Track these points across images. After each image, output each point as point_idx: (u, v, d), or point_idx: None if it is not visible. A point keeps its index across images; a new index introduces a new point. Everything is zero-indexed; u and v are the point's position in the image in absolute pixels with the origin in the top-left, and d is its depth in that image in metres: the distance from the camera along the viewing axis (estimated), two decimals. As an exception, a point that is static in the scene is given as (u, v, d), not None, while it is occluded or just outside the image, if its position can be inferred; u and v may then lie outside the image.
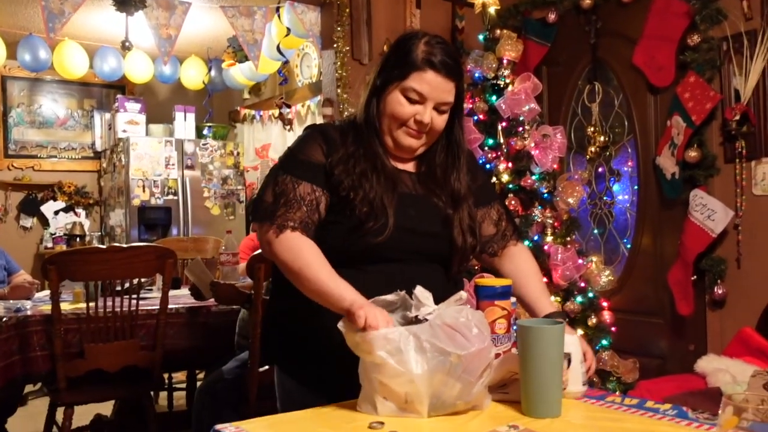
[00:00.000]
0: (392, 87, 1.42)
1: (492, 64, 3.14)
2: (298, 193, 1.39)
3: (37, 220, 6.05)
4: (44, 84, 6.10)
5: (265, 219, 1.39)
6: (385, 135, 1.46)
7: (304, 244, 1.36)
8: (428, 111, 1.42)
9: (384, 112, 1.44)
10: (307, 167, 1.42)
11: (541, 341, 1.14)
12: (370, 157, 1.43)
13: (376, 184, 1.40)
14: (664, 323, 3.34)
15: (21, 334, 2.74)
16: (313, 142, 1.45)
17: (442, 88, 1.41)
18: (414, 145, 1.46)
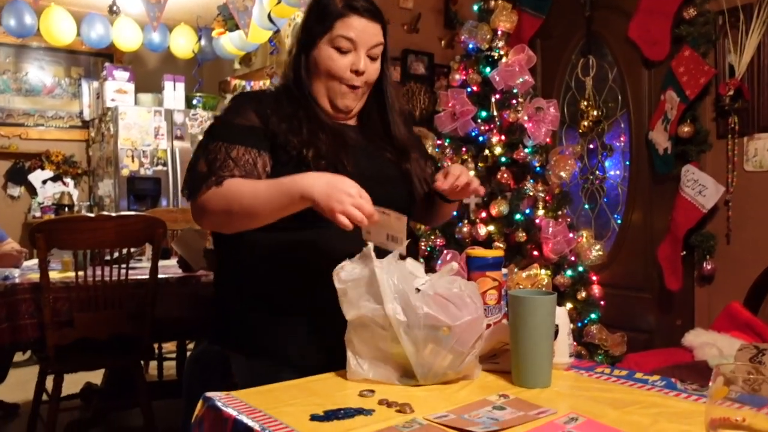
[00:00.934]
0: (320, 43, 1.40)
1: (486, 35, 3.10)
2: (231, 155, 1.32)
3: (24, 189, 5.99)
4: (30, 51, 5.99)
5: (200, 187, 1.31)
6: (321, 97, 1.43)
7: (237, 181, 1.30)
8: (362, 58, 1.40)
9: (318, 72, 1.41)
10: (239, 131, 1.36)
11: (532, 311, 1.14)
12: (312, 115, 1.40)
13: (327, 139, 1.37)
14: (652, 298, 3.37)
15: (9, 302, 2.72)
16: (244, 108, 1.40)
17: (369, 32, 1.40)
18: (351, 105, 1.44)
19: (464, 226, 3.01)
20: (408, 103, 4.05)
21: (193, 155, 1.41)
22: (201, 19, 5.32)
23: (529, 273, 2.72)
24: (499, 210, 2.92)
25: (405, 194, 1.47)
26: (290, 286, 1.34)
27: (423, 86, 4.11)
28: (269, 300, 1.36)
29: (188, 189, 1.36)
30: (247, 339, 1.38)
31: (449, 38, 4.13)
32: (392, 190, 1.43)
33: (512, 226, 2.95)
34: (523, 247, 2.96)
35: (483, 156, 3.06)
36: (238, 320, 1.41)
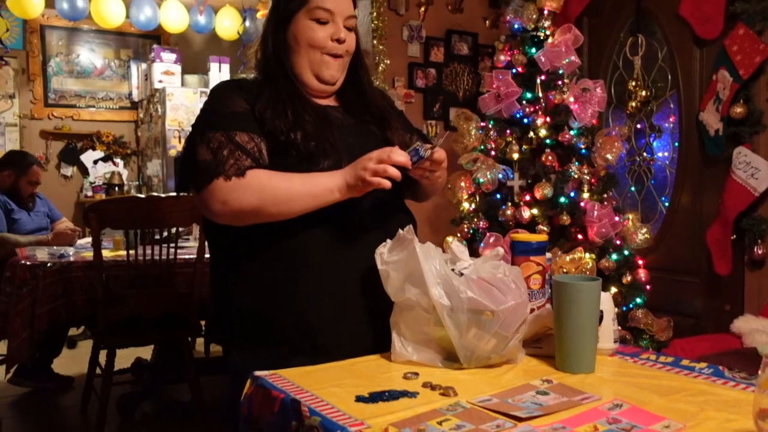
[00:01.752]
0: (297, 16, 1.39)
1: (532, 14, 3.05)
2: (237, 141, 1.28)
3: (76, 169, 6.18)
4: (82, 33, 6.14)
5: (213, 175, 1.26)
6: (305, 72, 1.41)
7: (263, 174, 1.28)
8: (341, 27, 1.40)
9: (298, 46, 1.40)
10: (235, 118, 1.32)
11: (576, 297, 1.14)
12: (295, 97, 1.39)
13: (313, 121, 1.35)
14: (700, 282, 3.30)
15: (64, 279, 2.83)
16: (231, 94, 1.37)
17: (344, 2, 1.40)
18: (335, 75, 1.43)
19: (508, 208, 2.99)
20: (451, 84, 4.02)
21: (186, 147, 1.35)
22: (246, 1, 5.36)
23: (573, 257, 2.69)
24: (543, 193, 2.89)
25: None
26: (295, 270, 1.31)
27: (467, 67, 4.07)
28: (273, 288, 1.32)
29: (193, 181, 1.30)
30: (251, 330, 1.34)
31: (494, 18, 4.07)
32: None
33: (557, 209, 2.92)
34: (568, 230, 2.92)
35: (527, 138, 3.02)
36: (240, 312, 1.36)
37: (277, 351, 1.28)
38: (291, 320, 1.30)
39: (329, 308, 1.31)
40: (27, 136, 5.96)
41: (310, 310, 1.30)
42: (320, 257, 1.31)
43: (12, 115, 5.90)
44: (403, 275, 1.19)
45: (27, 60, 5.96)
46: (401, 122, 1.56)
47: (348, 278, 1.32)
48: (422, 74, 3.91)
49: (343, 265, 1.32)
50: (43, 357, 3.58)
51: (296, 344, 1.29)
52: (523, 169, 3.04)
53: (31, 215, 3.86)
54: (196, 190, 1.30)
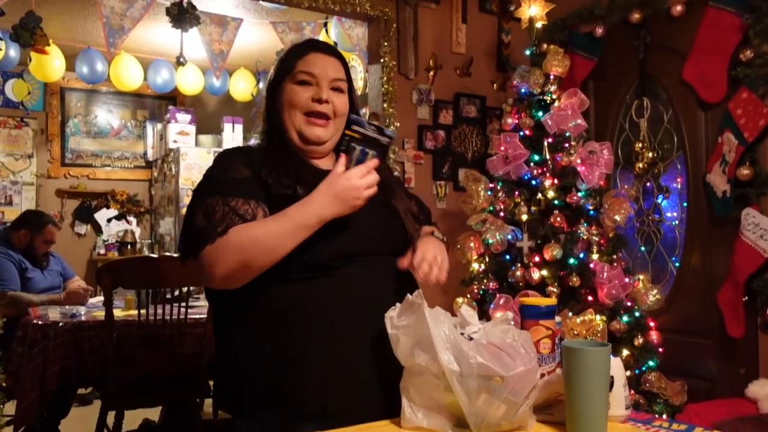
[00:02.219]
0: (285, 82, 1.45)
1: (538, 79, 3.12)
2: (230, 205, 1.30)
3: (90, 227, 6.25)
4: (100, 95, 6.31)
5: (205, 242, 1.28)
6: (291, 132, 1.45)
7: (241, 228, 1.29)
8: (324, 89, 1.44)
9: (284, 107, 1.45)
10: (233, 184, 1.34)
11: (585, 363, 1.14)
12: (298, 161, 1.44)
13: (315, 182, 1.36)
14: (713, 344, 3.26)
15: (75, 338, 2.85)
16: (233, 161, 1.40)
17: (328, 65, 1.46)
18: (321, 135, 1.45)
19: (517, 269, 3.00)
20: (460, 146, 4.09)
21: (186, 213, 1.38)
22: (260, 63, 5.52)
23: (583, 318, 2.68)
24: (552, 254, 2.90)
25: (398, 232, 1.47)
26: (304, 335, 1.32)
27: (475, 129, 4.15)
28: (282, 352, 1.32)
29: (188, 247, 1.33)
30: (258, 395, 1.33)
31: (501, 81, 4.17)
32: (385, 229, 1.45)
33: (566, 270, 2.92)
34: (578, 291, 2.92)
35: (536, 199, 3.06)
36: (246, 377, 1.34)
37: (285, 418, 1.27)
38: (299, 386, 1.30)
39: (339, 373, 1.31)
40: (43, 195, 6.06)
41: (319, 376, 1.30)
42: (330, 321, 1.32)
43: (29, 175, 6.03)
44: (413, 340, 1.20)
45: (46, 121, 6.12)
46: (402, 189, 1.60)
47: (358, 342, 1.32)
48: (431, 136, 3.98)
49: (352, 329, 1.32)
50: (51, 418, 3.55)
51: (304, 410, 1.28)
52: (532, 230, 3.06)
53: (45, 274, 3.91)
54: (193, 257, 1.32)
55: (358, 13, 3.72)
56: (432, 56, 3.94)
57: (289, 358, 1.31)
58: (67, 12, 4.77)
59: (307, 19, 4.10)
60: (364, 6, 3.66)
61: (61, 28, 5.00)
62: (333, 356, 1.31)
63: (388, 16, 3.76)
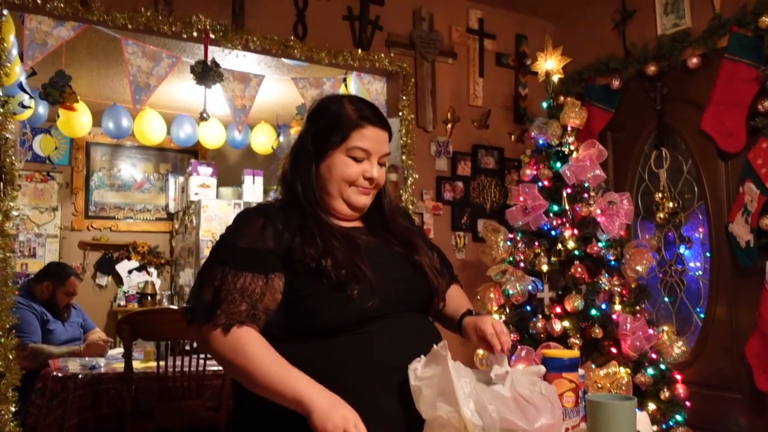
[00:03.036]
0: (334, 151, 1.43)
1: (556, 131, 3.15)
2: (238, 285, 1.29)
3: (111, 279, 6.30)
4: (124, 149, 6.45)
5: (207, 319, 1.29)
6: (336, 199, 1.45)
7: (249, 338, 1.28)
8: (374, 166, 1.45)
9: (330, 177, 1.43)
10: (246, 255, 1.33)
11: (611, 417, 1.12)
12: (322, 224, 1.42)
13: (341, 246, 1.37)
14: (742, 398, 3.17)
15: (94, 391, 2.84)
16: (251, 226, 1.38)
17: (381, 140, 1.46)
18: (366, 202, 1.48)
19: (539, 321, 2.97)
20: (479, 197, 4.10)
21: (198, 276, 1.38)
22: (280, 117, 5.62)
23: (607, 371, 2.62)
24: (573, 305, 2.87)
25: (424, 288, 1.47)
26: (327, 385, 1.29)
27: (493, 180, 4.17)
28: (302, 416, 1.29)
29: (191, 314, 1.33)
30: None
31: (519, 133, 4.21)
32: (411, 286, 1.44)
33: (588, 322, 2.88)
34: (600, 343, 2.87)
35: (556, 250, 3.04)
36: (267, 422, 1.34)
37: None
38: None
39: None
40: (66, 247, 6.15)
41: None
42: (357, 381, 1.30)
43: (53, 227, 6.12)
44: (436, 392, 1.18)
45: (71, 175, 6.24)
46: (424, 241, 1.60)
47: (379, 393, 1.30)
48: (450, 187, 4.00)
49: (380, 388, 1.30)
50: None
51: None
52: (552, 281, 3.04)
53: (66, 326, 3.93)
54: (190, 322, 1.34)
55: (377, 69, 3.80)
56: (450, 109, 4.00)
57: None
58: (95, 71, 4.92)
59: (327, 75, 4.19)
60: (383, 62, 3.74)
61: (88, 85, 5.16)
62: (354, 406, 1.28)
63: (406, 71, 3.84)
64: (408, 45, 3.90)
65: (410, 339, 1.37)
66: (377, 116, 1.47)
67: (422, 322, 1.46)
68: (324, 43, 3.59)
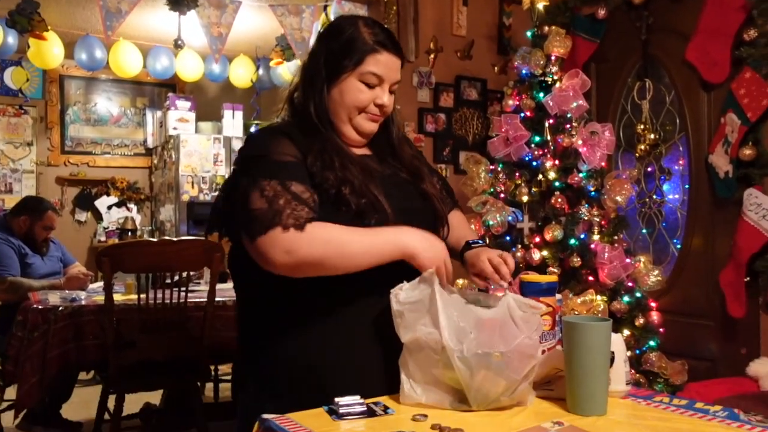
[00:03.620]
0: (347, 75, 1.39)
1: (540, 60, 3.10)
2: (294, 192, 1.26)
3: (91, 215, 6.25)
4: (99, 83, 6.29)
5: (272, 225, 1.23)
6: (345, 125, 1.42)
7: (324, 225, 1.26)
8: (386, 93, 1.42)
9: (342, 102, 1.40)
10: (288, 167, 1.30)
11: (587, 338, 1.13)
12: (338, 149, 1.39)
13: (358, 174, 1.35)
14: (714, 325, 3.26)
15: (75, 323, 2.84)
16: (281, 141, 1.35)
17: (394, 67, 1.43)
18: (374, 129, 1.46)
19: (518, 250, 2.99)
20: (461, 129, 4.07)
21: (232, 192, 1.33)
22: (260, 49, 5.49)
23: (584, 299, 2.67)
24: (553, 235, 2.89)
25: (431, 218, 1.47)
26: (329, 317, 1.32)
27: (476, 112, 4.12)
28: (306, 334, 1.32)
29: (246, 229, 1.26)
30: (285, 377, 1.34)
31: (502, 64, 4.14)
32: (420, 216, 1.44)
33: (567, 251, 2.91)
34: (578, 272, 2.91)
35: (537, 181, 3.04)
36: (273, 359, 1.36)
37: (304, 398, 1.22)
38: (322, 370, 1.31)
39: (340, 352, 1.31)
40: (43, 183, 6.06)
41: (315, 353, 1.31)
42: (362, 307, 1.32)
43: (29, 162, 6.01)
44: (418, 315, 1.19)
45: (45, 109, 6.09)
46: (428, 168, 1.58)
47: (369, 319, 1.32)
48: (432, 119, 3.96)
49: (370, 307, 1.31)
50: (52, 402, 3.56)
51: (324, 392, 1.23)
52: (532, 212, 3.05)
53: (45, 260, 3.90)
54: (249, 238, 1.27)
55: (358, -4, 3.69)
56: (432, 39, 3.91)
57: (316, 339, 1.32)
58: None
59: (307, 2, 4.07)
60: (363, -12, 3.63)
61: (59, 14, 4.96)
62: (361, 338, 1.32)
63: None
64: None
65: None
66: (392, 42, 1.42)
67: None
68: (302, -32, 3.47)
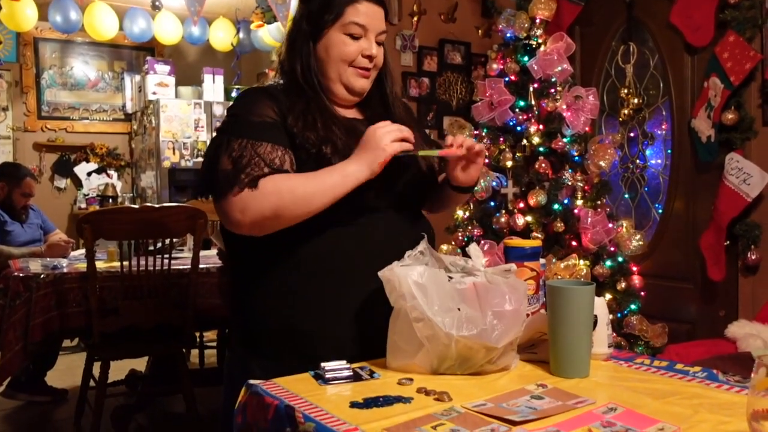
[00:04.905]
0: (329, 29, 1.39)
1: (524, 23, 3.07)
2: (259, 152, 1.28)
3: (70, 181, 6.16)
4: (75, 46, 6.14)
5: (231, 186, 1.26)
6: (335, 83, 1.41)
7: (277, 177, 1.27)
8: (373, 43, 1.40)
9: (328, 59, 1.39)
10: (261, 127, 1.31)
11: (570, 302, 1.14)
12: (323, 110, 1.39)
13: (341, 134, 1.35)
14: (694, 288, 3.31)
15: (58, 290, 2.82)
16: (259, 101, 1.36)
17: (376, 16, 1.40)
18: (365, 86, 1.44)
19: (502, 216, 3.00)
20: (445, 93, 4.04)
21: (209, 152, 1.34)
22: (240, 12, 5.38)
23: (567, 263, 2.69)
24: (537, 200, 2.89)
25: (417, 180, 1.46)
26: (318, 283, 1.33)
27: (460, 76, 4.09)
28: (295, 300, 1.33)
29: (213, 191, 1.30)
30: (273, 341, 1.35)
31: (486, 27, 4.10)
32: (406, 180, 1.43)
33: (550, 216, 2.92)
34: (562, 237, 2.93)
35: (521, 146, 3.03)
36: (262, 323, 1.37)
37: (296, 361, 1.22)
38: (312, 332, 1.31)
39: (327, 317, 1.32)
40: (20, 149, 5.95)
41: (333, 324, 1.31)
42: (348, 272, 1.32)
43: (5, 128, 5.89)
44: (407, 285, 1.19)
45: (20, 72, 5.95)
46: (422, 136, 1.57)
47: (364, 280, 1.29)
48: (416, 83, 3.92)
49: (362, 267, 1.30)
50: (37, 369, 3.55)
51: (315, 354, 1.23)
52: (516, 177, 3.05)
53: (25, 227, 3.85)
54: (215, 200, 1.30)
55: (339, -44, 3.61)
56: (416, 1, 3.85)
57: (305, 305, 1.32)
58: (37, -43, 4.60)
59: (287, -37, 3.98)
60: (345, -52, 3.55)
61: (31, -26, 4.82)
62: (349, 305, 1.32)
63: (370, -41, 3.66)
64: (372, -69, 3.70)
65: (402, 233, 1.37)
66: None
67: (416, 218, 1.46)
68: (282, -72, 3.39)
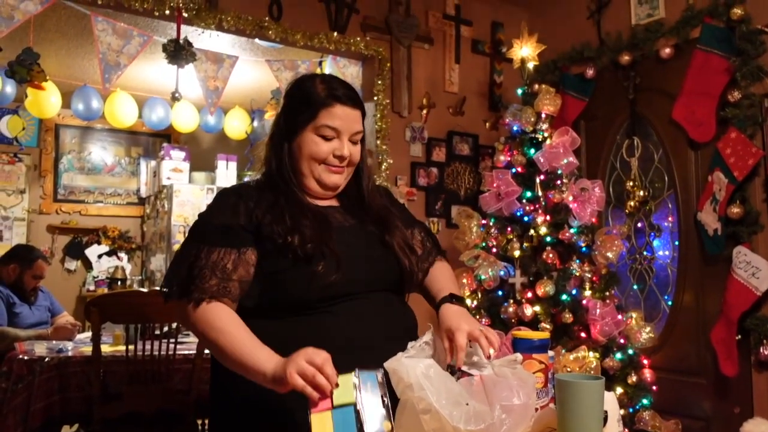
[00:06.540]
0: (303, 130, 1.44)
1: (530, 117, 3.16)
2: (210, 260, 1.33)
3: (80, 263, 6.20)
4: (94, 132, 6.33)
5: (181, 295, 1.33)
6: (307, 178, 1.46)
7: (218, 312, 1.31)
8: (345, 144, 1.45)
9: (301, 156, 1.44)
10: (219, 232, 1.37)
11: (579, 396, 1.13)
12: (294, 203, 1.43)
13: (311, 224, 1.38)
14: (707, 383, 3.24)
15: (61, 374, 2.79)
16: (225, 204, 1.42)
17: (351, 118, 1.45)
18: (338, 181, 1.48)
19: (510, 306, 2.99)
20: (453, 183, 4.11)
21: (176, 252, 1.45)
22: (254, 102, 5.57)
23: (576, 355, 2.66)
24: (545, 290, 2.89)
25: (395, 268, 1.47)
26: None
27: (468, 166, 4.18)
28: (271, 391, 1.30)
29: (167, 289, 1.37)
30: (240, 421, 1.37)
31: (494, 120, 4.22)
32: (379, 266, 1.44)
33: (558, 307, 2.91)
34: (570, 328, 2.91)
35: (528, 236, 3.06)
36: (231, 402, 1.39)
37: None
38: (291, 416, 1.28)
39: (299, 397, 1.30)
40: (34, 230, 6.03)
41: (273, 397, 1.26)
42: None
43: (21, 210, 6.00)
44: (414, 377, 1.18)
45: (40, 157, 6.12)
46: (403, 218, 1.59)
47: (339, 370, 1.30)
48: (424, 173, 4.00)
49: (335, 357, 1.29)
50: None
51: None
52: (524, 267, 3.06)
53: (33, 309, 3.86)
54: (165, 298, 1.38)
55: (353, 53, 3.78)
56: (425, 95, 3.99)
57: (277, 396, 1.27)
58: (64, 49, 4.82)
59: (302, 57, 4.16)
60: (358, 46, 3.72)
61: (58, 65, 5.04)
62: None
63: (382, 55, 3.82)
64: (384, 29, 3.88)
65: (377, 319, 1.38)
66: (348, 95, 1.46)
67: (394, 303, 1.46)
68: (299, 25, 3.56)
